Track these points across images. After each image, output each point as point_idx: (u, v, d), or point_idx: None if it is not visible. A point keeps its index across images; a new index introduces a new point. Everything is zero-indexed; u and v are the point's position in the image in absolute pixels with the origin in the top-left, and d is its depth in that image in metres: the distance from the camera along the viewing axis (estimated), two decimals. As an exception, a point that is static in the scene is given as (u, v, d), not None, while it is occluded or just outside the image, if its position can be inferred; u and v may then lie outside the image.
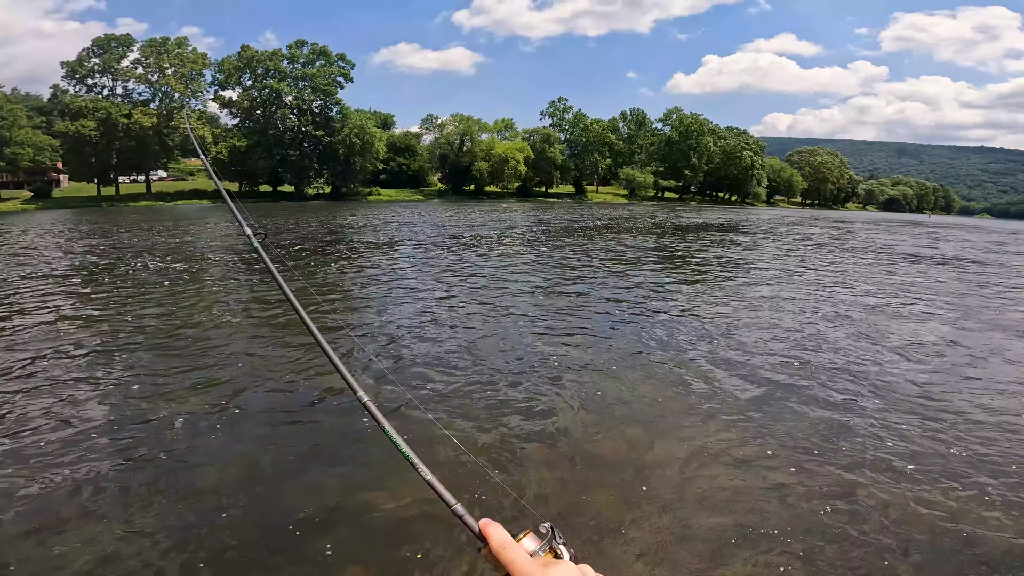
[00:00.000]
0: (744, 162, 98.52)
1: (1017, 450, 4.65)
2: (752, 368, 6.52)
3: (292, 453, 4.32)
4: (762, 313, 9.52)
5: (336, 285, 11.26)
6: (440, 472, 3.97)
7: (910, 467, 4.29)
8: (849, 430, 4.92)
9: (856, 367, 6.69)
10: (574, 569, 0.73)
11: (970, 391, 6.05)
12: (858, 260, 18.87)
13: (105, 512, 3.47)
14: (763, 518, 3.62)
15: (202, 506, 3.57)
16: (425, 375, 5.97)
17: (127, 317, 8.14)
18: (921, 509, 3.75)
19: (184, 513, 3.49)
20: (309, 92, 64.76)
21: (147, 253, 15.45)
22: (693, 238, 25.16)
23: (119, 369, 5.96)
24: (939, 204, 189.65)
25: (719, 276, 13.77)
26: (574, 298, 10.33)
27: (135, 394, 5.28)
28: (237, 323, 8.00)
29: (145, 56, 57.08)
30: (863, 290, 12.37)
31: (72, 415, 4.78)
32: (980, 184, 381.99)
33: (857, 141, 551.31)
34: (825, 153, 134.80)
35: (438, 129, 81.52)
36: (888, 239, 30.57)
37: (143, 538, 3.25)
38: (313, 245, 18.10)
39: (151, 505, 3.57)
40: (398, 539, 3.34)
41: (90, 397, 5.19)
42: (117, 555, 3.10)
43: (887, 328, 8.78)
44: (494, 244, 19.76)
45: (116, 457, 4.13)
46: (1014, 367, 7.04)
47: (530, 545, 0.77)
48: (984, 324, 9.43)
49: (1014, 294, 13.05)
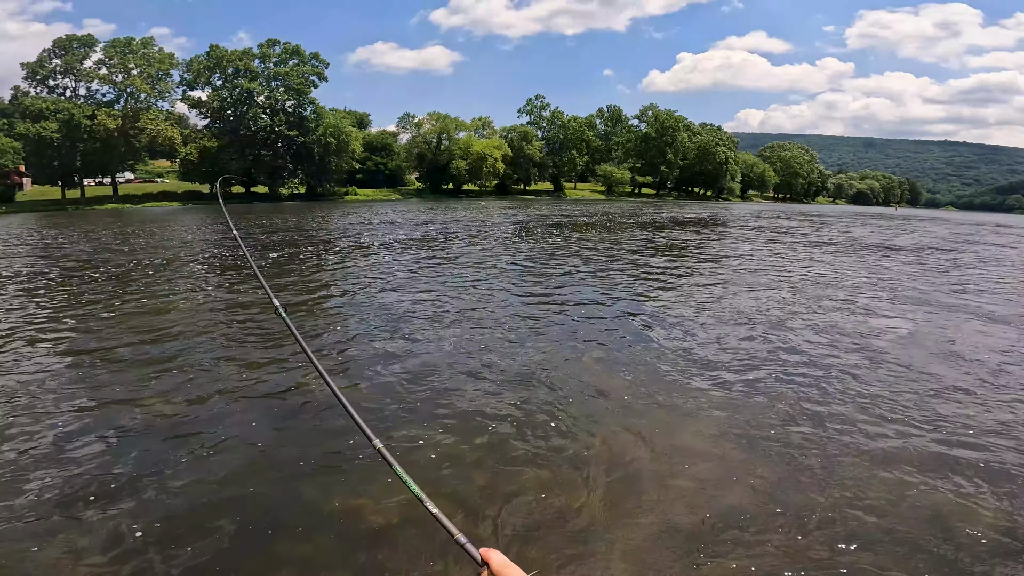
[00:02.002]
0: (718, 158, 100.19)
1: (1001, 442, 4.81)
2: (730, 363, 6.62)
3: (274, 461, 4.24)
4: (743, 306, 9.67)
5: (311, 288, 11.10)
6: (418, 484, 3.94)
7: (889, 453, 4.41)
8: (827, 420, 5.03)
9: (839, 359, 6.85)
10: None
11: (949, 378, 6.24)
12: (838, 251, 19.34)
13: (82, 516, 3.36)
14: (745, 512, 3.67)
15: (182, 512, 3.48)
16: (393, 383, 5.92)
17: (103, 323, 7.90)
18: (902, 497, 3.86)
19: (162, 520, 3.40)
20: (282, 92, 63.75)
21: (117, 257, 15.00)
22: (673, 233, 25.47)
23: (96, 377, 5.77)
24: (905, 197, 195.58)
25: (701, 270, 13.96)
26: (553, 293, 10.35)
27: (113, 400, 5.12)
28: (217, 326, 7.82)
29: (109, 57, 55.56)
30: (843, 280, 12.68)
31: (44, 427, 4.61)
32: (944, 177, 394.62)
33: (826, 136, 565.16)
34: (796, 148, 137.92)
35: (415, 128, 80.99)
36: (862, 231, 31.39)
37: (118, 547, 3.15)
38: (286, 248, 17.80)
39: (125, 514, 3.46)
40: (380, 546, 3.30)
41: (67, 408, 5.01)
42: (97, 564, 3.01)
43: (871, 321, 9.01)
44: (472, 240, 19.72)
45: (92, 463, 3.99)
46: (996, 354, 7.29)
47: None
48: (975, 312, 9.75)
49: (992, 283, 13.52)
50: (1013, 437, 4.82)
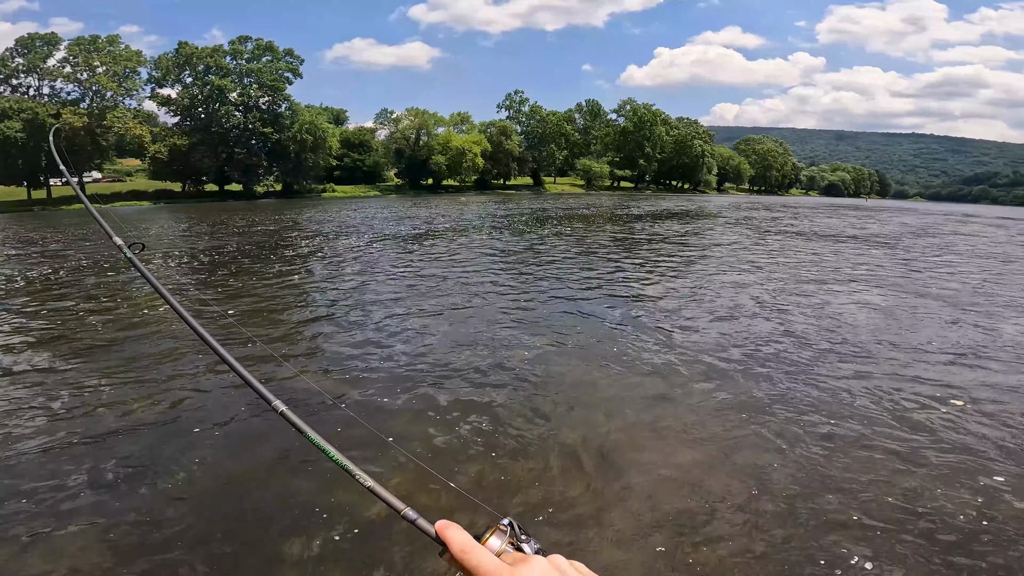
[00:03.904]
0: (695, 151, 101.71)
1: (968, 425, 5.00)
2: (712, 349, 6.75)
3: (234, 464, 4.21)
4: (726, 295, 9.85)
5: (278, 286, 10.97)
6: (392, 477, 3.96)
7: (868, 438, 4.57)
8: (809, 405, 5.18)
9: (821, 344, 7.03)
10: (544, 563, 0.66)
11: (926, 360, 6.46)
12: (812, 242, 19.77)
13: (53, 521, 3.30)
14: (731, 496, 3.77)
15: (150, 516, 3.45)
16: (363, 370, 5.92)
17: (64, 329, 7.70)
18: (881, 483, 4.00)
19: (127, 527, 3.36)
20: (255, 88, 62.56)
21: (80, 259, 14.59)
22: (655, 225, 25.74)
23: (65, 379, 5.64)
24: (875, 188, 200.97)
25: (683, 261, 14.16)
26: (536, 285, 10.41)
27: (78, 405, 5.01)
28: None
29: (73, 55, 54.01)
30: (826, 268, 12.99)
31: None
32: (912, 169, 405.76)
33: (799, 129, 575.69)
34: (770, 141, 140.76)
35: (393, 124, 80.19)
36: (838, 222, 32.11)
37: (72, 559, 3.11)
38: (255, 247, 17.53)
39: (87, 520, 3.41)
40: (357, 549, 3.31)
41: (27, 412, 4.89)
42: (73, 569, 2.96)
43: (846, 305, 9.26)
44: (453, 235, 19.66)
45: (50, 466, 3.91)
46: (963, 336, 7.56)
47: (496, 544, 0.70)
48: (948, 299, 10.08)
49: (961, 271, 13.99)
50: (985, 413, 5.03)
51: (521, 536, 0.71)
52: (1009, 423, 4.91)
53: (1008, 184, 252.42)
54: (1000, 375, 6.15)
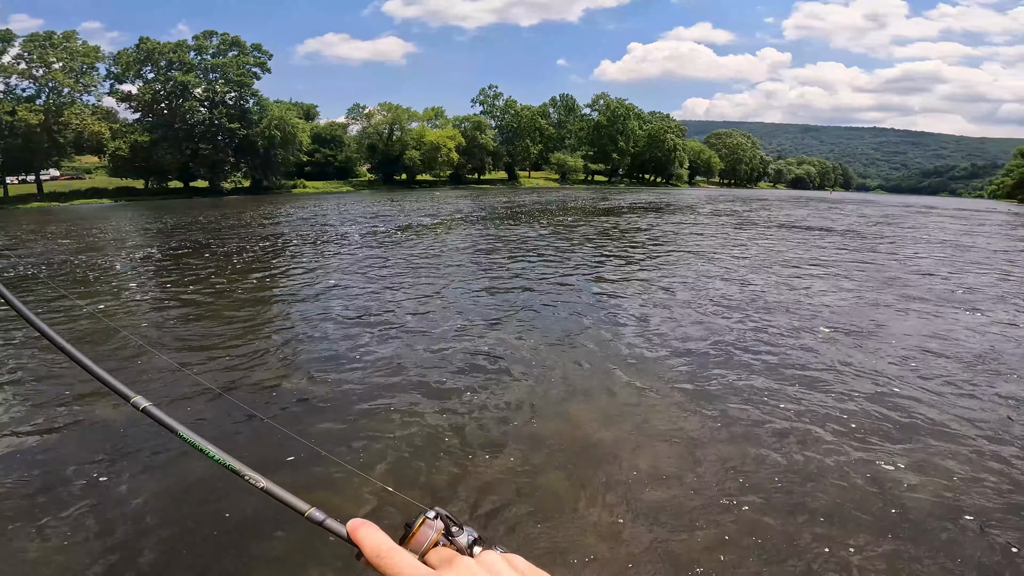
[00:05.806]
0: (667, 145, 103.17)
1: (942, 406, 5.20)
2: (688, 343, 6.87)
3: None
4: (699, 287, 10.02)
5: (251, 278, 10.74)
6: (329, 488, 3.85)
7: (849, 428, 4.71)
8: (785, 396, 5.32)
9: (792, 338, 7.22)
10: (471, 564, 0.58)
11: (901, 356, 6.69)
12: (786, 235, 20.23)
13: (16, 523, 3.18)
14: (708, 487, 3.85)
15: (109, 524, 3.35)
16: (330, 371, 5.86)
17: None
18: (858, 470, 4.13)
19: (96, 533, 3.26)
20: (221, 84, 60.94)
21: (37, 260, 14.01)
22: (628, 217, 25.97)
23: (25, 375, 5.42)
24: (839, 181, 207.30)
25: (657, 254, 14.34)
26: (511, 281, 10.41)
27: (41, 400, 4.82)
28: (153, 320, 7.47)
29: (28, 51, 51.84)
30: (795, 258, 13.31)
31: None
32: (874, 162, 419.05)
33: (767, 123, 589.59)
34: (739, 135, 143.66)
35: (366, 119, 79.01)
36: (805, 212, 32.93)
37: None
38: (219, 245, 17.10)
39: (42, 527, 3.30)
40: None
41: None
42: None
43: (817, 297, 9.51)
44: (426, 231, 19.51)
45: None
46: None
47: (423, 539, 0.61)
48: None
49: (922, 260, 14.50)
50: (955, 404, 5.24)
51: (452, 527, 0.62)
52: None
53: (966, 176, 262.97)
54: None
